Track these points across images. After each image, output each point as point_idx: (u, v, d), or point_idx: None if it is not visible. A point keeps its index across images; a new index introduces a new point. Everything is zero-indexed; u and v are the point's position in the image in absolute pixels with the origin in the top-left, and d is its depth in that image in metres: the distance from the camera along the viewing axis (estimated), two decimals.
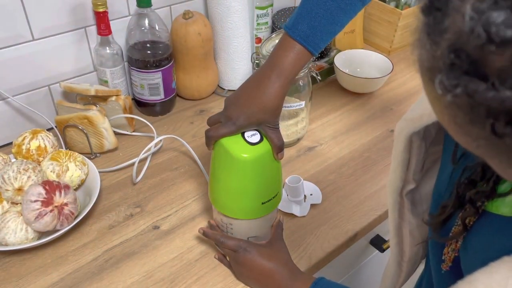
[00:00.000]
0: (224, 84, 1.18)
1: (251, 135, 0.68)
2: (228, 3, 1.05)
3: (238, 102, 0.69)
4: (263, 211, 0.73)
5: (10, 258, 0.77)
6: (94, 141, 0.95)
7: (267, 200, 0.71)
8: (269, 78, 0.67)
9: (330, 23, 0.68)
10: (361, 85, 1.17)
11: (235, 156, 0.67)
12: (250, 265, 0.70)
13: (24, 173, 0.77)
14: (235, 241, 0.72)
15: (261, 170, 0.69)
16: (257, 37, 1.19)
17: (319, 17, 0.66)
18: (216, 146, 0.70)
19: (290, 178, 0.84)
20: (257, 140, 0.68)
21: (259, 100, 0.67)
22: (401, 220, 0.64)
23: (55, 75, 0.99)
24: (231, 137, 0.68)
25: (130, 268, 0.76)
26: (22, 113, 0.99)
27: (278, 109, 0.69)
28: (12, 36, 0.90)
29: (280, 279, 0.68)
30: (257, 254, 0.70)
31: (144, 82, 1.03)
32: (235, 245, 0.72)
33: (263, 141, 0.68)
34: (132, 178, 0.91)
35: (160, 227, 0.83)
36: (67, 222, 0.77)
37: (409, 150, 0.57)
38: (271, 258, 0.70)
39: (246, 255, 0.71)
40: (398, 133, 0.57)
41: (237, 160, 0.67)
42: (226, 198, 0.72)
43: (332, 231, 0.83)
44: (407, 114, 0.56)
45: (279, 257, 0.71)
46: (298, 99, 0.95)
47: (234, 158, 0.67)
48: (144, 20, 0.99)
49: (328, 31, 0.68)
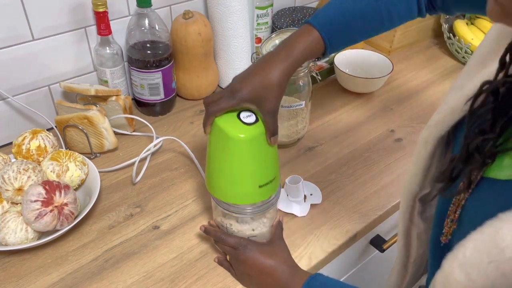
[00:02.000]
0: (224, 84, 1.18)
1: (246, 116, 0.68)
2: (228, 3, 1.05)
3: (244, 76, 0.69)
4: (260, 195, 0.71)
5: (10, 258, 0.77)
6: (94, 141, 0.95)
7: (264, 183, 0.70)
8: (278, 56, 0.69)
9: (349, 28, 0.73)
10: (361, 85, 1.17)
11: (231, 136, 0.65)
12: (251, 262, 0.70)
13: (24, 173, 0.77)
14: (236, 239, 0.73)
15: (257, 150, 0.68)
16: (257, 37, 1.19)
17: (342, 18, 0.70)
18: (212, 129, 0.69)
19: (290, 178, 0.84)
20: (253, 121, 0.67)
21: (263, 75, 0.68)
22: (410, 223, 0.64)
23: (55, 75, 0.99)
24: (227, 119, 0.67)
25: (130, 268, 0.76)
26: (22, 113, 0.99)
27: (280, 88, 0.69)
28: (12, 36, 0.90)
29: (280, 276, 0.68)
30: (257, 252, 0.71)
31: (144, 82, 1.03)
32: (235, 243, 0.72)
33: (258, 121, 0.68)
34: (132, 178, 0.91)
35: (160, 227, 0.83)
36: (67, 222, 0.77)
37: (432, 156, 0.57)
38: (272, 256, 0.70)
39: (247, 252, 0.71)
40: (423, 141, 0.57)
41: (233, 140, 0.66)
42: (223, 182, 0.70)
43: (332, 231, 0.83)
44: (430, 121, 0.56)
45: (279, 255, 0.71)
46: (298, 99, 0.95)
47: (230, 138, 0.66)
48: (144, 20, 0.99)
49: (346, 34, 0.73)
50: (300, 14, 1.25)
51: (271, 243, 0.74)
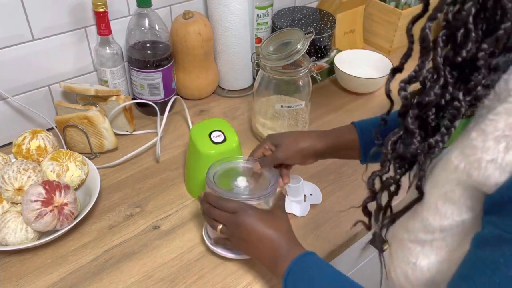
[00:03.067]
0: (224, 84, 1.18)
1: (216, 136, 0.84)
2: (228, 3, 1.05)
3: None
4: None
5: (10, 258, 0.77)
6: (94, 141, 0.95)
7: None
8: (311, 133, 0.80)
9: None
10: (361, 85, 1.17)
11: (202, 151, 0.82)
12: (250, 228, 0.68)
13: (24, 173, 0.77)
14: (236, 203, 0.70)
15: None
16: (257, 37, 1.19)
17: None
18: (189, 145, 0.87)
19: (290, 178, 0.84)
20: (221, 140, 0.83)
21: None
22: None
23: (55, 75, 0.99)
24: (201, 137, 0.84)
25: (130, 268, 0.76)
26: (22, 113, 0.99)
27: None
28: (12, 36, 0.90)
29: (277, 247, 0.66)
30: (258, 218, 0.68)
31: (144, 82, 1.03)
32: (236, 207, 0.70)
33: (226, 141, 0.83)
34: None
35: (160, 227, 0.83)
36: (67, 222, 0.77)
37: None
38: (272, 226, 0.68)
39: (246, 218, 0.68)
40: None
41: (203, 154, 0.82)
42: (197, 187, 0.86)
43: (332, 231, 0.83)
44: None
45: (279, 225, 0.69)
46: (298, 99, 0.95)
47: (201, 153, 0.82)
48: (144, 20, 0.99)
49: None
50: (300, 14, 1.25)
51: (272, 212, 0.71)
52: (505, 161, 0.39)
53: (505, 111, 0.39)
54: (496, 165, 0.39)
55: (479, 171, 0.41)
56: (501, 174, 0.39)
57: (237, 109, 1.13)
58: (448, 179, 0.45)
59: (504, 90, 0.41)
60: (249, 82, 1.19)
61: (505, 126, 0.39)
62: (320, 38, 1.20)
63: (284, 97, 0.96)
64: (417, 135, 0.47)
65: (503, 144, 0.39)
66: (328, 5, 1.31)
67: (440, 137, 0.45)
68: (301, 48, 0.88)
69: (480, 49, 0.41)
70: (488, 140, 0.40)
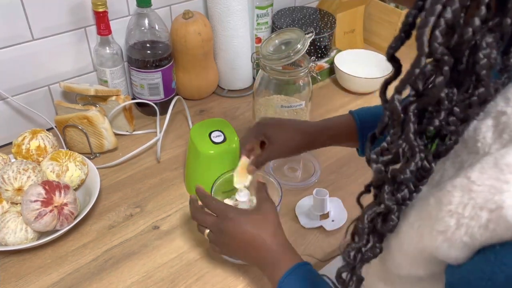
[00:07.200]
0: (224, 84, 1.18)
1: (216, 136, 0.84)
2: (228, 3, 1.05)
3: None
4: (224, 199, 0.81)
5: (10, 258, 0.77)
6: (94, 141, 0.95)
7: (228, 190, 0.82)
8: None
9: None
10: (361, 85, 1.17)
11: (201, 151, 0.82)
12: (233, 233, 0.66)
13: (24, 173, 0.77)
14: (218, 204, 0.69)
15: (222, 163, 0.83)
16: (257, 37, 1.19)
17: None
18: (189, 145, 0.86)
19: (316, 191, 0.83)
20: (221, 140, 0.83)
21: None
22: None
23: (55, 75, 0.99)
24: (201, 136, 0.84)
25: (130, 268, 0.76)
26: (21, 113, 0.99)
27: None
28: (12, 36, 0.90)
29: (266, 250, 0.64)
30: (240, 221, 0.66)
31: (144, 82, 1.03)
32: (217, 208, 0.68)
33: (226, 141, 0.83)
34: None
35: (160, 227, 0.83)
36: (67, 222, 0.77)
37: None
38: (260, 227, 0.66)
39: (227, 222, 0.66)
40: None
41: (203, 154, 0.82)
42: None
43: (332, 231, 0.83)
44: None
45: (267, 227, 0.67)
46: (298, 99, 0.95)
47: (201, 153, 0.82)
48: (144, 20, 0.99)
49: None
50: (300, 14, 1.25)
51: (258, 210, 0.69)
52: (455, 237, 0.37)
53: (461, 187, 0.37)
54: (446, 237, 0.38)
55: (430, 237, 0.40)
56: (449, 248, 0.38)
57: (237, 109, 1.13)
58: (407, 233, 0.44)
59: (471, 138, 0.40)
60: (249, 82, 1.19)
61: (459, 204, 0.37)
62: (320, 38, 1.20)
63: (284, 97, 0.96)
64: (395, 211, 0.44)
65: (454, 221, 0.37)
66: (328, 5, 1.31)
67: (408, 195, 0.43)
68: (301, 48, 0.88)
69: (452, 113, 0.40)
70: (442, 211, 0.38)
